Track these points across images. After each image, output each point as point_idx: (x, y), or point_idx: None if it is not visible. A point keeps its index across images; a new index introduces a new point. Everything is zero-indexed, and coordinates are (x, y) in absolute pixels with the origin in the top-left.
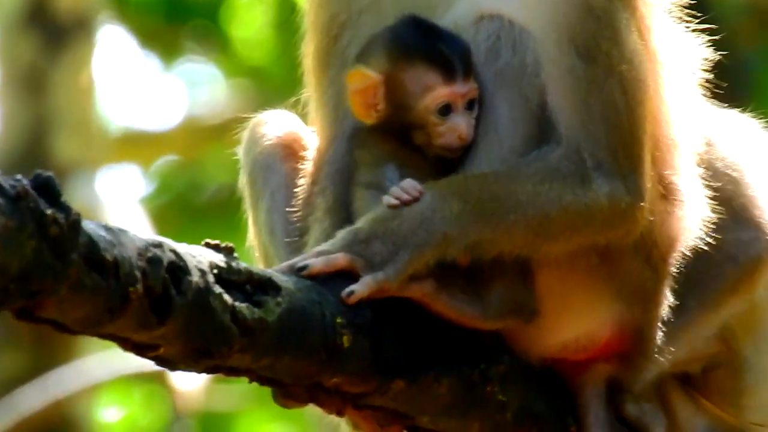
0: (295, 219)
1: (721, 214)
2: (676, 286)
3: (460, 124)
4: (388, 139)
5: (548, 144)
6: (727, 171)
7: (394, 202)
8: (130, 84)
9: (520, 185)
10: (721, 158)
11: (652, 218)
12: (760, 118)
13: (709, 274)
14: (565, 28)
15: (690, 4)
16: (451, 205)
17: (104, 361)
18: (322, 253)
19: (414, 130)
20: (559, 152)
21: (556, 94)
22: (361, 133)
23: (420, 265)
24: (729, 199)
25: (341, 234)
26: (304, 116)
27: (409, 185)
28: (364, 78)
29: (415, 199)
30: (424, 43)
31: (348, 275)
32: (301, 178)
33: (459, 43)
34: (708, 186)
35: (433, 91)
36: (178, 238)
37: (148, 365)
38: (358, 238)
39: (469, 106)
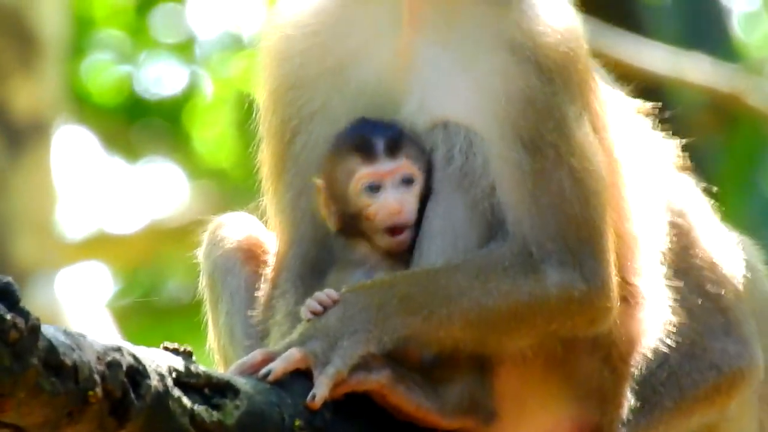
0: (256, 323)
1: (715, 320)
2: (656, 383)
3: (389, 200)
4: (359, 243)
5: (496, 241)
6: (732, 280)
7: (309, 315)
8: (93, 185)
9: (452, 279)
10: (727, 265)
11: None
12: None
13: (691, 377)
14: (509, 123)
15: (650, 100)
16: (372, 300)
17: None
18: (270, 353)
19: (359, 223)
20: (504, 246)
21: (504, 190)
22: (338, 237)
23: (364, 352)
24: (726, 309)
25: (280, 344)
26: (264, 223)
27: (324, 295)
28: (317, 186)
29: (334, 303)
30: (347, 135)
31: (304, 374)
32: (260, 281)
33: (386, 127)
34: (711, 289)
35: (356, 174)
36: (141, 339)
37: None
38: (294, 344)
39: (404, 182)
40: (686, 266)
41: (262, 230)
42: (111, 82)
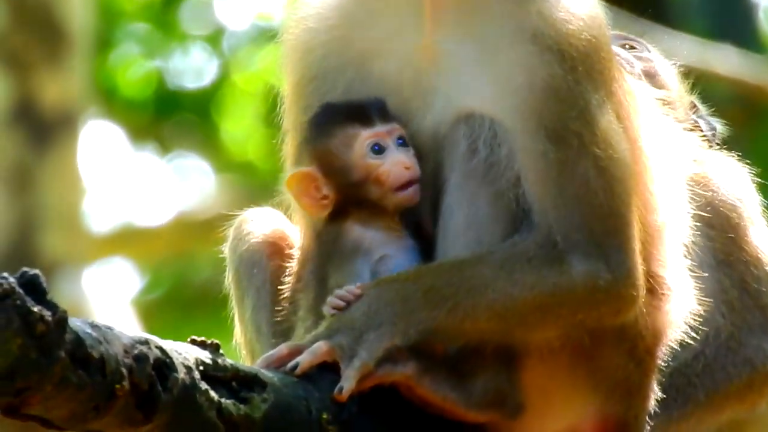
0: (281, 318)
1: (754, 317)
2: (691, 374)
3: (399, 156)
4: (348, 227)
5: (521, 232)
6: None
7: (332, 312)
8: (120, 179)
9: (477, 271)
10: None
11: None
12: None
13: (725, 371)
14: (532, 114)
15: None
16: (397, 293)
17: None
18: (296, 347)
19: (365, 188)
20: (530, 237)
21: (529, 181)
22: (327, 230)
23: (390, 345)
24: (765, 307)
25: (306, 338)
26: (289, 217)
27: (344, 291)
28: (300, 175)
29: (357, 298)
30: (333, 111)
31: (330, 368)
32: (286, 276)
33: (367, 100)
34: (753, 285)
35: (358, 138)
36: (168, 333)
37: None
38: (320, 337)
39: (401, 143)
40: (732, 259)
41: (287, 225)
42: (139, 75)
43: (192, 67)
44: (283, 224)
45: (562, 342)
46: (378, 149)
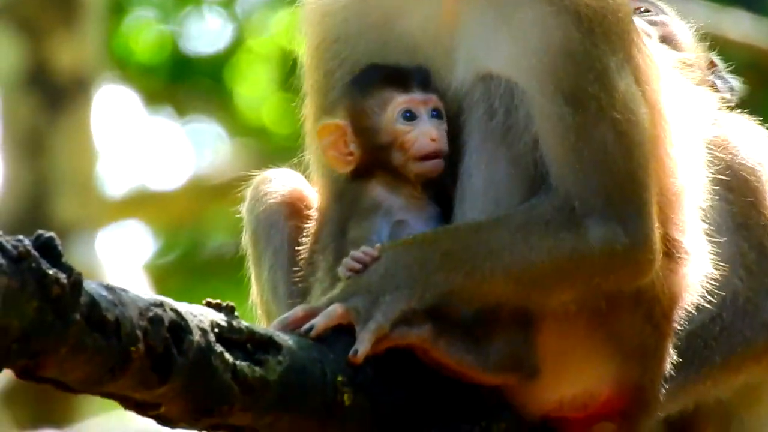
0: (298, 279)
1: None
2: (708, 337)
3: (428, 127)
4: (370, 186)
5: (539, 196)
6: None
7: (347, 274)
8: (135, 143)
9: (494, 234)
10: None
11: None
12: None
13: (742, 334)
14: (549, 76)
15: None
16: (414, 256)
17: (107, 423)
18: (312, 309)
19: (390, 153)
20: (547, 200)
21: (547, 144)
22: (349, 187)
23: (406, 308)
24: None
25: (322, 300)
26: (307, 177)
27: (361, 253)
28: (331, 127)
29: (373, 260)
30: (375, 72)
31: (345, 331)
32: (304, 236)
33: (412, 66)
34: None
35: (392, 102)
36: (182, 296)
37: (150, 426)
38: (336, 300)
39: (435, 115)
40: (750, 223)
41: (305, 185)
42: (153, 39)
43: (206, 32)
44: (301, 185)
45: (579, 306)
46: (409, 116)
